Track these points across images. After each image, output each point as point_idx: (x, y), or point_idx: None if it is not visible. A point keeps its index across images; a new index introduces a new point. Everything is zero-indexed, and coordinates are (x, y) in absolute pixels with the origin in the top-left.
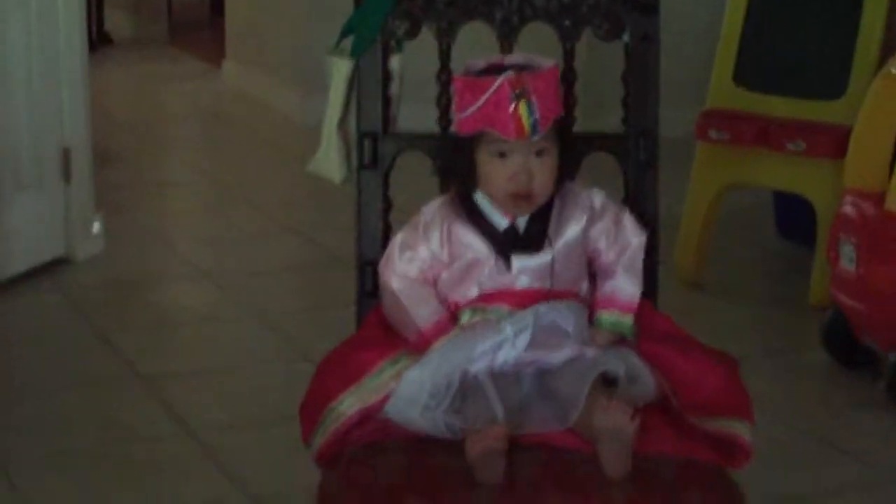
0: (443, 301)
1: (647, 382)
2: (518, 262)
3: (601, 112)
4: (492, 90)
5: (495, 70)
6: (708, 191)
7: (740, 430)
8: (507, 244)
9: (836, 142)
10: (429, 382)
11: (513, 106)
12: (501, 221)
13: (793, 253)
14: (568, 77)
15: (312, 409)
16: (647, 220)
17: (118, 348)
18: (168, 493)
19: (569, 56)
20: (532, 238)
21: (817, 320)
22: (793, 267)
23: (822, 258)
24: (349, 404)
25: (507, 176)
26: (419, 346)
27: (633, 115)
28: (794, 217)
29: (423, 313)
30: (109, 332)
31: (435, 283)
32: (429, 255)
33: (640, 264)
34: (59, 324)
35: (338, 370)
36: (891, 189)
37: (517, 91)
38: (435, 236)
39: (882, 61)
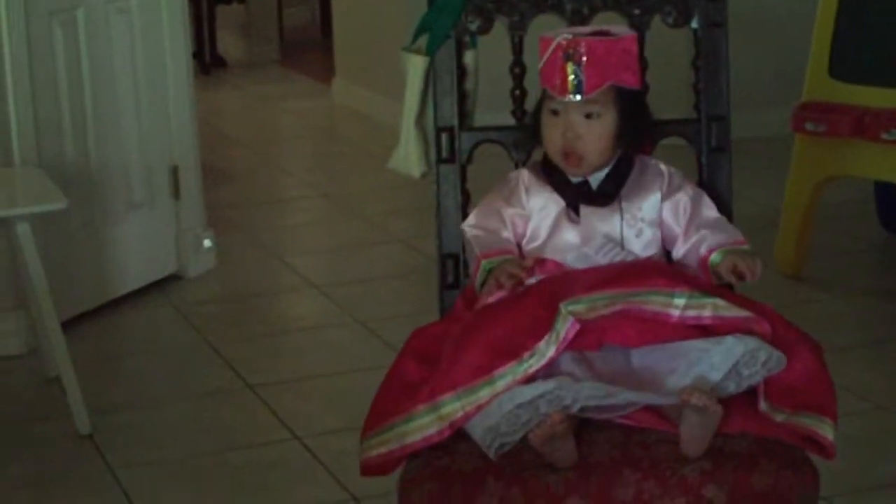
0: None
1: (756, 376)
2: (585, 211)
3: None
4: (549, 50)
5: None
6: (807, 183)
7: (823, 429)
8: (577, 197)
9: None
10: (508, 415)
11: (562, 65)
12: (575, 177)
13: (894, 244)
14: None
15: (380, 407)
16: (722, 205)
17: (228, 359)
18: (279, 497)
19: (639, 44)
20: (603, 195)
21: None
22: (894, 257)
23: None
24: (413, 429)
25: (557, 133)
26: (475, 273)
27: (705, 100)
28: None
29: (483, 244)
30: (220, 344)
31: (519, 245)
32: (510, 213)
33: (729, 226)
34: (172, 337)
35: (398, 387)
36: None
37: (568, 52)
38: (516, 196)
39: None
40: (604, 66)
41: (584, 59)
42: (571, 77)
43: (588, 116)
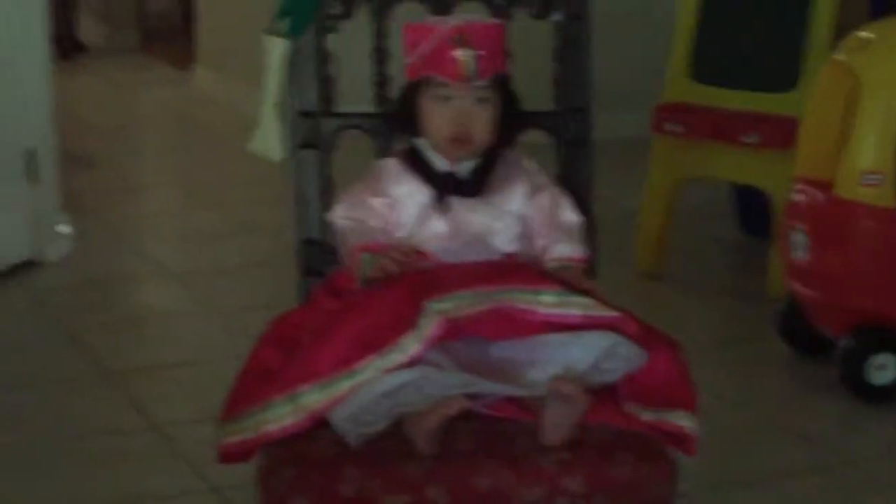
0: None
1: (617, 371)
2: (455, 203)
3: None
4: (436, 35)
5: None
6: (665, 183)
7: (685, 422)
8: (446, 187)
9: (789, 133)
10: (370, 404)
11: (456, 51)
12: (442, 166)
13: (752, 245)
14: None
15: (239, 393)
16: (581, 199)
17: (85, 346)
18: (133, 485)
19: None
20: (471, 185)
21: (774, 310)
22: (752, 259)
23: (778, 249)
24: (271, 418)
25: (448, 119)
26: (353, 261)
27: (565, 92)
28: (755, 210)
29: (359, 235)
30: (76, 331)
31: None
32: (377, 203)
33: (580, 237)
34: (26, 323)
35: (257, 373)
36: (839, 175)
37: (460, 37)
38: (381, 184)
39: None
40: (495, 51)
41: (478, 43)
42: (468, 62)
43: (480, 102)
